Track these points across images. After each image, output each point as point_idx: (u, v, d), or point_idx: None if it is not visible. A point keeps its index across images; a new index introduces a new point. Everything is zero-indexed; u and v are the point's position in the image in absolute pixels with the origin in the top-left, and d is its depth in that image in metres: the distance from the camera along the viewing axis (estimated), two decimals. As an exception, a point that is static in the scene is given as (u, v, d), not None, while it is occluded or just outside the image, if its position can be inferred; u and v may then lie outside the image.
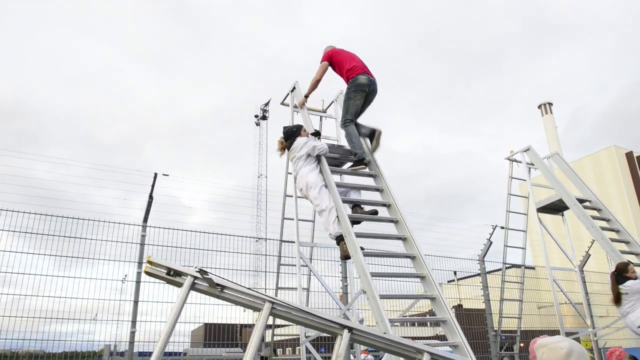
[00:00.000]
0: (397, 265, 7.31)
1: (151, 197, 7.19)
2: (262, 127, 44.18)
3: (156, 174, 7.30)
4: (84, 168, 7.57)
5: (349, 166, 5.69)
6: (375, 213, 5.02)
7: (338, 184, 5.06)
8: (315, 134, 5.55)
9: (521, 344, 9.58)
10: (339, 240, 4.61)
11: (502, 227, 9.45)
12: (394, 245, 5.32)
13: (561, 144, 43.78)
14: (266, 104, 44.10)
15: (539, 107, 46.94)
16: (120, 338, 6.61)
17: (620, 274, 6.43)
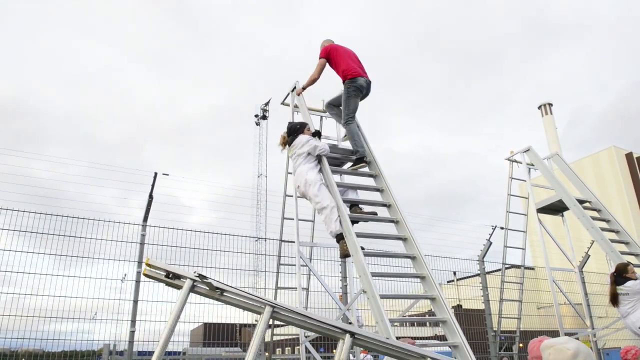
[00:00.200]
0: (397, 265, 7.31)
1: (151, 197, 7.19)
2: (262, 127, 44.19)
3: (156, 174, 7.30)
4: (83, 167, 7.58)
5: (349, 166, 5.72)
6: (375, 214, 5.04)
7: (337, 184, 5.06)
8: (316, 134, 5.55)
9: (520, 345, 9.59)
10: (339, 238, 4.63)
11: (502, 228, 9.45)
12: (394, 246, 5.33)
13: (561, 145, 43.85)
14: (266, 104, 44.09)
15: (539, 108, 47.00)
16: (120, 337, 6.61)
17: (620, 275, 6.42)
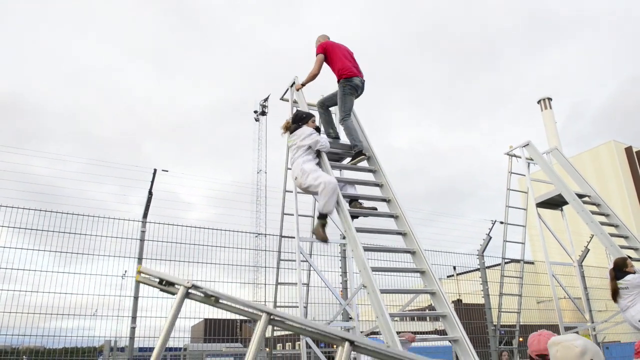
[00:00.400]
0: (397, 260, 7.31)
1: (151, 193, 7.18)
2: (262, 123, 44.17)
3: (155, 170, 7.30)
4: (82, 164, 7.58)
5: (348, 160, 5.73)
6: (375, 209, 5.05)
7: (337, 179, 5.06)
8: (316, 130, 5.53)
9: (520, 339, 9.61)
10: (322, 217, 4.70)
11: (502, 222, 9.45)
12: (394, 241, 5.32)
13: (560, 139, 43.79)
14: (265, 100, 44.03)
15: (539, 102, 46.92)
16: (121, 334, 6.62)
17: (619, 269, 6.44)
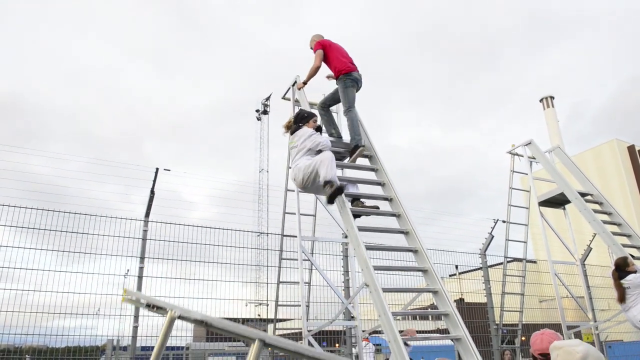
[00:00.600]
0: (399, 259, 7.31)
1: (153, 192, 7.19)
2: (263, 122, 44.24)
3: (157, 169, 7.30)
4: (84, 163, 7.58)
5: (349, 157, 5.75)
6: (377, 208, 5.04)
7: (339, 178, 5.04)
8: (317, 130, 5.52)
9: (522, 338, 9.60)
10: (329, 184, 4.67)
11: (504, 221, 9.44)
12: (396, 240, 5.32)
13: (562, 138, 43.70)
14: (267, 99, 44.07)
15: (541, 101, 46.83)
16: (123, 333, 6.63)
17: (620, 270, 6.42)
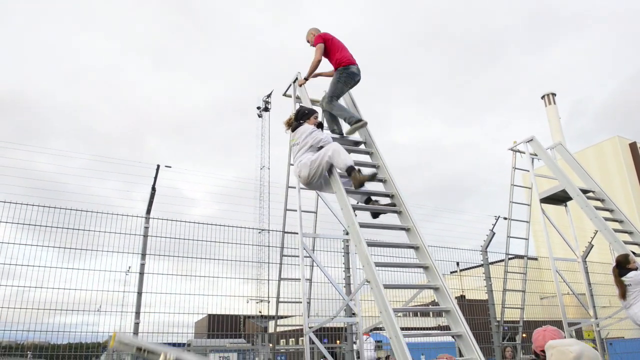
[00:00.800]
0: (400, 256, 7.31)
1: (154, 189, 7.19)
2: (265, 119, 44.16)
3: (159, 166, 7.30)
4: (85, 160, 7.58)
5: (347, 130, 5.80)
6: (394, 205, 4.99)
7: (340, 175, 5.03)
8: (318, 126, 5.51)
9: (524, 335, 9.60)
10: (350, 170, 4.72)
11: (505, 218, 9.43)
12: (397, 236, 5.31)
13: (564, 135, 43.61)
14: (268, 96, 44.00)
15: (542, 98, 46.73)
16: (125, 329, 6.63)
17: (622, 267, 6.41)
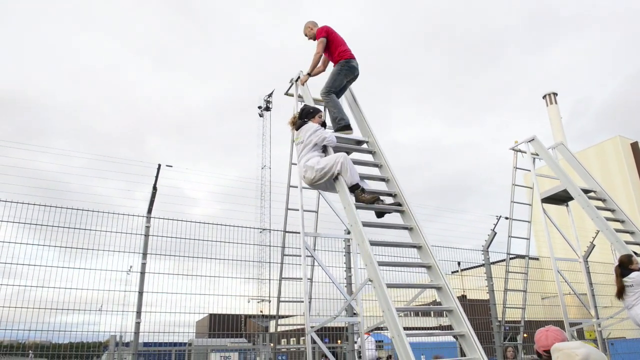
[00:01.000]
0: (402, 255, 7.30)
1: (155, 189, 7.18)
2: (266, 118, 44.20)
3: (160, 165, 7.29)
4: (87, 159, 7.56)
5: (334, 130, 5.80)
6: (399, 205, 4.98)
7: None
8: (322, 125, 5.51)
9: (525, 335, 9.59)
10: (355, 188, 4.78)
11: (507, 218, 9.42)
12: (399, 236, 5.30)
13: (565, 135, 43.58)
14: (269, 95, 44.04)
15: (544, 97, 46.66)
16: (126, 329, 6.63)
17: (624, 267, 6.40)
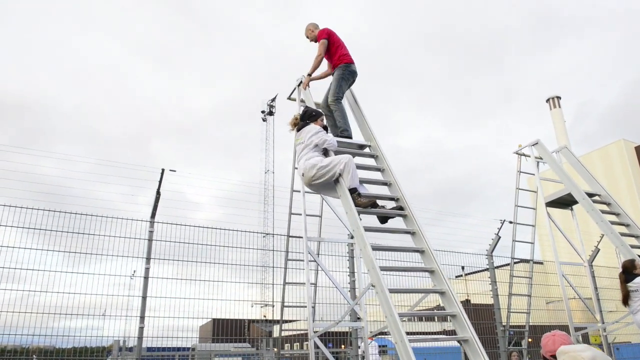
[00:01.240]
0: (405, 260, 7.28)
1: (158, 193, 7.20)
2: (269, 123, 44.31)
3: (163, 170, 7.30)
4: (91, 164, 7.59)
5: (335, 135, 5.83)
6: (402, 209, 4.98)
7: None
8: (323, 129, 5.52)
9: (530, 339, 9.53)
10: (353, 191, 4.78)
11: (511, 222, 9.38)
12: (402, 240, 5.29)
13: (569, 138, 43.47)
14: (273, 100, 44.17)
15: (547, 101, 46.59)
16: (129, 333, 6.63)
17: (628, 272, 6.37)
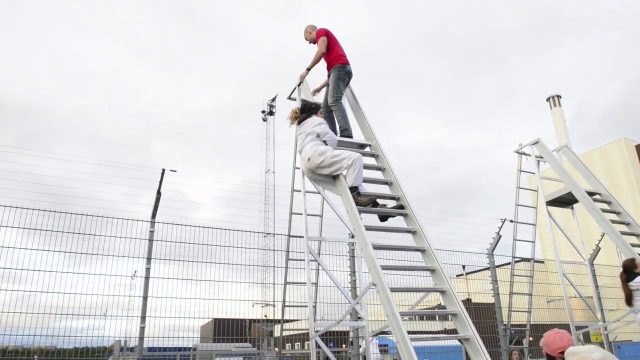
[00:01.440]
0: (406, 259, 7.29)
1: (159, 194, 7.20)
2: (269, 123, 44.34)
3: (164, 170, 7.31)
4: (92, 165, 7.60)
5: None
6: (402, 208, 4.97)
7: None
8: None
9: (531, 338, 9.53)
10: (354, 189, 4.79)
11: (511, 221, 9.38)
12: (402, 240, 5.29)
13: (569, 137, 43.46)
14: (273, 100, 44.20)
15: (548, 100, 46.58)
16: (130, 333, 6.64)
17: (629, 272, 6.37)
